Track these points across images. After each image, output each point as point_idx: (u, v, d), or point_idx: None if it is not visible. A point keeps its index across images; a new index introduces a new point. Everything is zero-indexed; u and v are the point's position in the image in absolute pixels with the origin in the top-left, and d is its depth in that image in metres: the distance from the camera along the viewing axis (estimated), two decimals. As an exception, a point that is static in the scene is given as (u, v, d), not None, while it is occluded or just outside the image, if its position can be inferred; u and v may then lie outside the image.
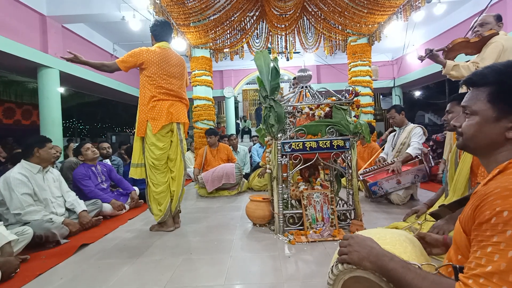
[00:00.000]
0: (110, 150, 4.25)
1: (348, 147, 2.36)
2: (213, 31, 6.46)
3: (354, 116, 2.49)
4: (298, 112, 2.56)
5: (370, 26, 6.52)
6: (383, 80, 10.94)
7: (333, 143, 2.33)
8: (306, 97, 2.65)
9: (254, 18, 6.46)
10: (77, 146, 3.51)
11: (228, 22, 6.27)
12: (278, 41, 7.22)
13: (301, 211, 2.37)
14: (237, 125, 12.94)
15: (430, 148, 4.69)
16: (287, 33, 6.88)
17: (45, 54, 5.88)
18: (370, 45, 7.14)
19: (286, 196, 2.49)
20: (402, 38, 7.30)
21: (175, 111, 2.55)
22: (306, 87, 2.62)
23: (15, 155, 3.62)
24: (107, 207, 3.12)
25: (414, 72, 9.80)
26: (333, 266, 0.87)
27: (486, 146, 0.77)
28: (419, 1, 5.24)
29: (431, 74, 8.81)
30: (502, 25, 2.35)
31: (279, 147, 2.35)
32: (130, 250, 2.19)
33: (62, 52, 2.10)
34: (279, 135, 2.37)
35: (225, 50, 7.30)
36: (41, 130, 6.00)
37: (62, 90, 7.57)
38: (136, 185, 3.86)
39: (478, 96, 0.77)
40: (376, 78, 9.23)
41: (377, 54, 9.77)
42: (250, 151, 6.14)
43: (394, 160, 3.29)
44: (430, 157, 4.47)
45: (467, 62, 2.30)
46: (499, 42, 2.15)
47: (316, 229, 2.28)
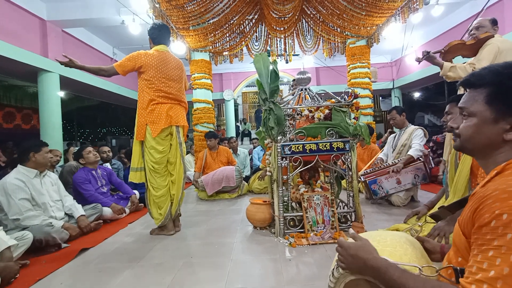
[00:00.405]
0: (110, 154, 4.25)
1: (348, 149, 2.36)
2: (212, 35, 6.48)
3: (354, 118, 2.49)
4: (298, 114, 2.57)
5: (369, 28, 6.54)
6: (382, 81, 10.97)
7: (333, 145, 2.33)
8: (305, 99, 2.66)
9: (253, 21, 6.49)
10: (78, 149, 3.50)
11: (227, 25, 6.29)
12: (277, 43, 7.24)
13: (301, 214, 2.36)
14: (237, 127, 12.97)
15: (430, 149, 4.69)
16: (286, 35, 6.91)
17: (45, 58, 5.90)
18: (369, 47, 7.16)
19: (286, 198, 2.48)
20: (401, 40, 7.32)
21: (174, 114, 2.55)
22: (306, 90, 2.63)
23: (15, 160, 3.61)
24: (107, 211, 3.11)
25: (413, 73, 9.83)
26: (334, 269, 0.87)
27: (484, 147, 0.77)
28: (417, 3, 5.26)
29: (430, 76, 8.84)
30: (497, 28, 2.36)
31: (279, 150, 2.35)
32: (131, 254, 2.19)
33: (61, 56, 2.10)
34: (279, 138, 2.37)
35: (224, 53, 7.32)
36: (41, 134, 6.01)
37: (62, 94, 7.58)
38: (136, 188, 3.85)
39: (476, 97, 0.77)
40: (375, 79, 9.25)
41: (376, 56, 9.80)
42: (250, 154, 6.13)
43: (395, 161, 3.29)
44: (430, 158, 4.47)
45: (464, 63, 2.32)
46: (495, 44, 2.17)
47: (316, 231, 2.27)
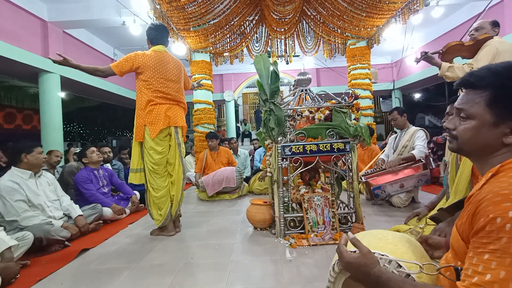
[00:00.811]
0: (111, 155, 4.25)
1: (348, 150, 2.36)
2: (213, 36, 6.50)
3: (354, 119, 2.49)
4: (298, 115, 2.57)
5: (369, 29, 6.55)
6: (383, 82, 10.98)
7: (333, 146, 2.33)
8: (306, 100, 2.66)
9: (254, 22, 6.50)
10: (81, 150, 3.51)
11: (227, 26, 6.31)
12: (277, 44, 7.25)
13: (302, 215, 2.36)
14: (237, 128, 12.96)
15: (430, 150, 4.69)
16: (287, 36, 6.93)
17: (46, 59, 5.90)
18: (369, 48, 7.17)
19: (286, 199, 2.48)
20: (401, 41, 7.33)
21: (173, 115, 2.54)
22: (306, 90, 2.63)
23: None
24: (108, 212, 3.11)
25: (413, 74, 9.82)
26: (334, 264, 0.87)
27: (482, 150, 0.75)
28: (417, 4, 5.27)
29: (431, 77, 8.83)
30: (498, 30, 2.35)
31: (280, 151, 2.35)
32: (131, 254, 2.18)
33: (56, 55, 2.09)
34: (280, 138, 2.37)
35: (225, 54, 7.33)
36: (42, 134, 6.03)
37: (63, 94, 7.60)
38: (136, 188, 3.84)
39: (475, 99, 0.74)
40: (375, 80, 9.26)
41: (376, 57, 9.80)
42: (251, 155, 6.13)
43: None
44: (431, 159, 4.47)
45: (464, 64, 2.32)
46: (493, 45, 2.17)
47: (317, 232, 2.27)
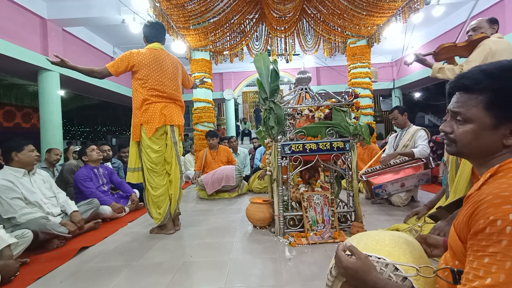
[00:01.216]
0: (111, 153, 4.25)
1: (348, 149, 2.36)
2: (213, 34, 6.48)
3: (354, 117, 2.49)
4: (298, 114, 2.57)
5: (369, 28, 6.53)
6: (383, 81, 10.97)
7: (333, 145, 2.33)
8: (305, 99, 2.66)
9: (254, 20, 6.48)
10: (81, 148, 3.51)
11: (227, 24, 6.28)
12: (277, 43, 7.23)
13: (301, 213, 2.36)
14: (237, 127, 12.97)
15: (430, 149, 4.68)
16: (287, 35, 6.90)
17: (45, 57, 5.89)
18: (370, 47, 7.15)
19: (286, 198, 2.48)
20: (401, 40, 7.31)
21: (168, 113, 2.52)
22: (306, 89, 2.63)
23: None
24: (107, 210, 3.11)
25: (413, 73, 9.82)
26: (332, 268, 0.87)
27: (482, 152, 0.74)
28: (418, 3, 5.26)
29: (431, 76, 8.81)
30: (496, 27, 2.29)
31: (279, 149, 2.35)
32: (130, 253, 2.19)
33: (62, 55, 2.09)
34: (279, 137, 2.37)
35: (225, 53, 7.31)
36: (41, 133, 6.02)
37: (62, 93, 7.58)
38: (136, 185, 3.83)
39: (471, 102, 0.72)
40: (375, 79, 9.25)
41: (376, 56, 9.79)
42: (250, 154, 6.13)
43: (396, 161, 3.30)
44: (431, 158, 4.46)
45: (454, 66, 2.32)
46: (487, 45, 2.13)
47: (316, 231, 2.27)
